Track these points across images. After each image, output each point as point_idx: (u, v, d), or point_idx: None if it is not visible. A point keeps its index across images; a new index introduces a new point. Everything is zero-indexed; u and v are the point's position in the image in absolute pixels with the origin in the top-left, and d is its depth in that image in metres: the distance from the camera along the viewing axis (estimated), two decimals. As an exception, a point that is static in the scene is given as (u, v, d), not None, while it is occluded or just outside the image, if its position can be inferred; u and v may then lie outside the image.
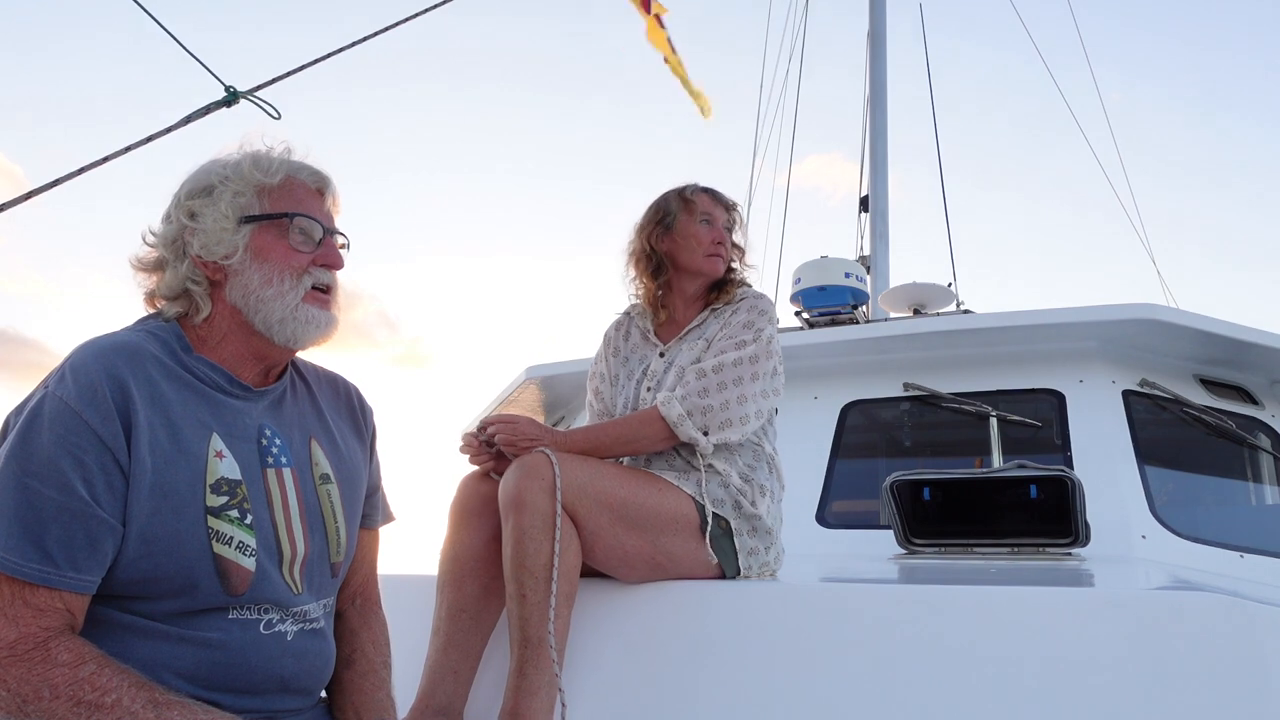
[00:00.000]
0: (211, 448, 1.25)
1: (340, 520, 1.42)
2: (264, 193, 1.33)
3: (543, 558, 1.71)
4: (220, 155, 1.38)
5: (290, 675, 1.30)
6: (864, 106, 7.07)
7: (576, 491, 1.77)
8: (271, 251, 1.32)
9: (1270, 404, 3.53)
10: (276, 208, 1.34)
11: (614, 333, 2.34)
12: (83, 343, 1.24)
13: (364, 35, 2.08)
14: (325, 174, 1.42)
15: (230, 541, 1.23)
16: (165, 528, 1.18)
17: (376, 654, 1.53)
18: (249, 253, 1.31)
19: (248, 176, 1.33)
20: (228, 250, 1.30)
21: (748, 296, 2.18)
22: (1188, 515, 3.14)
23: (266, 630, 1.28)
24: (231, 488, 1.25)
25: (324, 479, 1.41)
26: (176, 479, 1.20)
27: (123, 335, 1.26)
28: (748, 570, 1.95)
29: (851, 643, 1.64)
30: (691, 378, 2.00)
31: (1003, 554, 2.82)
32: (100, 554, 1.15)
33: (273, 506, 1.31)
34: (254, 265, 1.31)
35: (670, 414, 1.95)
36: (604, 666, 1.82)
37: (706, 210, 2.21)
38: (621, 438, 1.98)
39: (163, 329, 1.31)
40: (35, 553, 1.10)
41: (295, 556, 1.33)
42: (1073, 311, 3.31)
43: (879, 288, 5.81)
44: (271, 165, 1.35)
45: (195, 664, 1.21)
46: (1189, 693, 1.41)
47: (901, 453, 3.67)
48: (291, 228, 1.34)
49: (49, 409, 1.15)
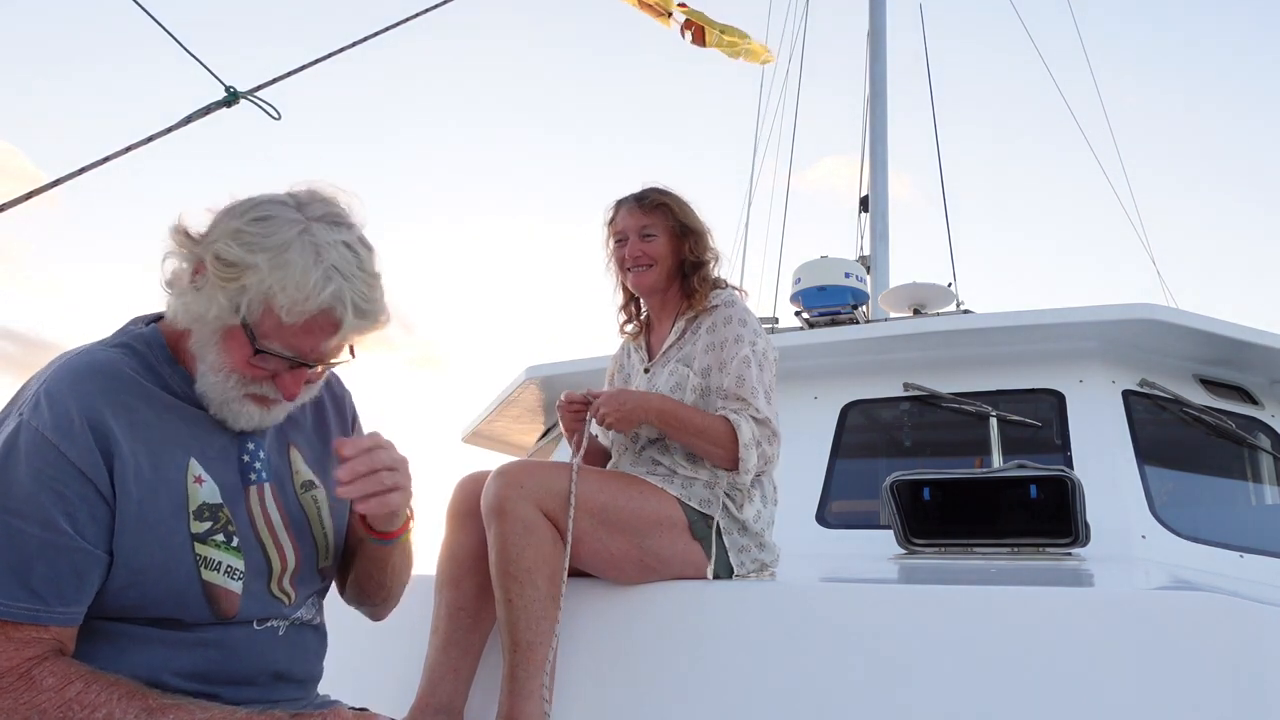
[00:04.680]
0: (190, 474, 1.22)
1: (328, 527, 1.40)
2: (271, 310, 1.17)
3: (525, 562, 1.74)
4: (277, 207, 1.20)
5: (284, 666, 1.32)
6: (864, 106, 7.07)
7: (557, 498, 1.78)
8: (233, 352, 1.21)
9: (1270, 404, 3.53)
10: (267, 334, 1.19)
11: (619, 353, 2.37)
12: (57, 363, 1.20)
13: (364, 35, 2.09)
14: (372, 308, 1.22)
15: (218, 567, 1.22)
16: (152, 559, 1.17)
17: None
18: (216, 334, 1.20)
19: (274, 288, 1.15)
20: (196, 326, 1.21)
21: (719, 305, 2.11)
22: (1187, 515, 3.14)
23: (259, 627, 1.29)
24: (213, 512, 1.23)
25: (306, 486, 1.38)
26: (159, 508, 1.18)
27: (99, 354, 1.22)
28: (741, 569, 1.95)
29: (851, 643, 1.64)
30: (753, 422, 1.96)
31: (1003, 554, 2.82)
32: (87, 585, 1.13)
33: (255, 524, 1.28)
34: (213, 347, 1.21)
35: (744, 436, 1.92)
36: (601, 668, 1.82)
37: (619, 229, 2.18)
38: (695, 426, 1.95)
39: (144, 338, 1.27)
40: (22, 592, 1.08)
41: (285, 569, 1.32)
42: (1072, 311, 3.31)
43: (879, 288, 5.81)
44: (300, 290, 1.15)
45: (192, 663, 1.21)
46: (1188, 692, 1.41)
47: (901, 453, 3.66)
48: (264, 356, 1.21)
49: (24, 441, 1.11)
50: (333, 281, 1.17)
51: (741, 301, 2.14)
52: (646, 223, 2.14)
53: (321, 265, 1.17)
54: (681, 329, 2.15)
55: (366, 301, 1.21)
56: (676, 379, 2.07)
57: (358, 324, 1.21)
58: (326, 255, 1.17)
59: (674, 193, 2.20)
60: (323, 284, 1.16)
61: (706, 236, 2.19)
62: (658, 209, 2.15)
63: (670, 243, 2.15)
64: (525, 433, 5.12)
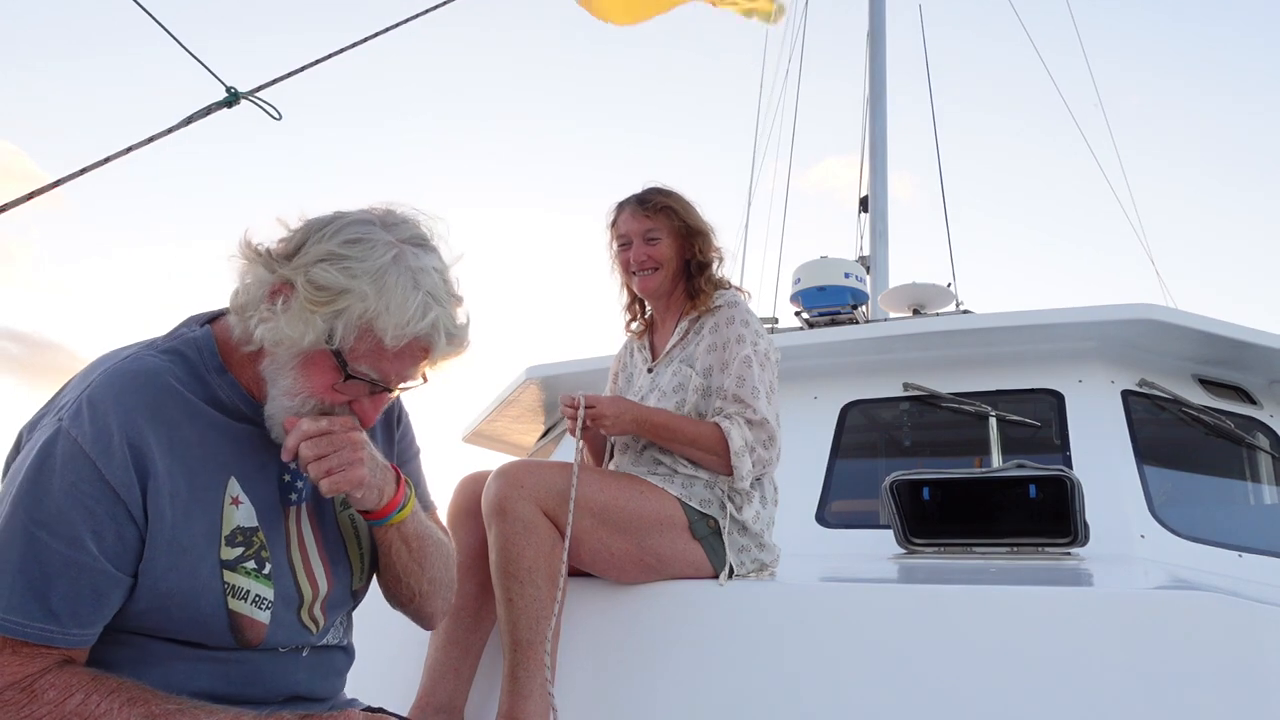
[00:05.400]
0: (228, 494, 1.19)
1: (364, 547, 1.37)
2: (366, 338, 1.15)
3: (526, 562, 1.75)
4: (369, 228, 1.17)
5: (305, 689, 1.29)
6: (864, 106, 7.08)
7: (557, 497, 1.78)
8: (315, 376, 1.18)
9: (1269, 404, 3.53)
10: (365, 360, 1.17)
11: (622, 351, 2.38)
12: (104, 366, 1.16)
13: (365, 35, 2.09)
14: (461, 335, 1.22)
15: (246, 596, 1.19)
16: (180, 584, 1.14)
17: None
18: (297, 358, 1.17)
19: (374, 313, 1.13)
20: (279, 350, 1.17)
21: (721, 305, 2.12)
22: (1186, 515, 3.14)
23: (284, 650, 1.26)
24: (247, 537, 1.20)
25: (345, 504, 1.34)
26: (193, 532, 1.15)
27: (148, 361, 1.17)
28: (741, 569, 1.95)
29: (851, 642, 1.64)
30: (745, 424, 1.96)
31: (1002, 554, 2.82)
32: (106, 607, 1.11)
33: (290, 548, 1.25)
34: (291, 372, 1.18)
35: (734, 444, 1.93)
36: (602, 667, 1.83)
37: (623, 232, 2.18)
38: (687, 435, 1.96)
39: (196, 343, 1.22)
40: (39, 611, 1.06)
41: (317, 597, 1.28)
42: (1072, 312, 3.31)
43: (879, 288, 5.81)
44: (402, 314, 1.14)
45: (210, 684, 1.19)
46: (1188, 692, 1.41)
47: (901, 453, 3.67)
48: (349, 382, 1.19)
49: (61, 450, 1.08)
50: (431, 309, 1.16)
51: (744, 302, 2.14)
52: (650, 226, 2.14)
53: (420, 291, 1.15)
54: (685, 329, 2.15)
55: (457, 329, 1.21)
56: (679, 379, 2.07)
57: (448, 350, 1.21)
58: (423, 281, 1.16)
59: (676, 193, 2.19)
60: (422, 311, 1.15)
61: (711, 236, 2.19)
62: (661, 212, 2.14)
63: (675, 245, 2.15)
64: (525, 433, 5.12)
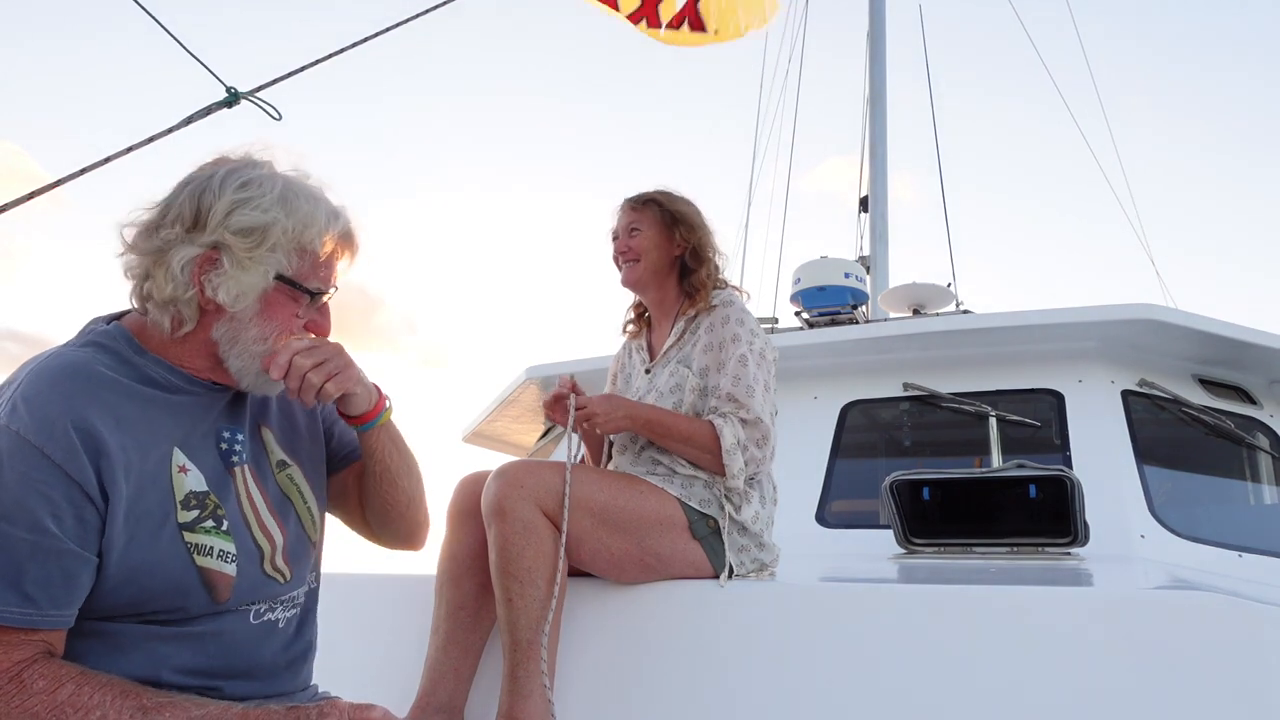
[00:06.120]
0: (174, 464, 1.22)
1: (309, 500, 1.42)
2: (304, 255, 1.28)
3: (525, 562, 1.74)
4: (243, 169, 1.27)
5: (283, 658, 1.34)
6: (864, 106, 7.08)
7: (557, 497, 1.78)
8: (277, 313, 1.28)
9: (1269, 404, 3.53)
10: (310, 276, 1.29)
11: (620, 352, 2.38)
12: (30, 366, 1.18)
13: (365, 35, 2.08)
14: (353, 228, 1.35)
15: (210, 553, 1.22)
16: (146, 553, 1.16)
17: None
18: (256, 305, 1.26)
19: (294, 233, 1.26)
20: (238, 304, 1.24)
21: (718, 305, 2.11)
22: (1186, 515, 3.14)
23: (256, 620, 1.30)
24: (200, 500, 1.23)
25: (281, 465, 1.39)
26: (149, 502, 1.18)
27: (70, 355, 1.20)
28: (740, 569, 1.95)
29: (851, 643, 1.64)
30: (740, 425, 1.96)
31: (1002, 554, 2.82)
32: (78, 587, 1.13)
33: (242, 506, 1.29)
34: (255, 319, 1.26)
35: (726, 441, 1.93)
36: (601, 667, 1.83)
37: (612, 227, 2.24)
38: (680, 433, 1.97)
39: (109, 335, 1.25)
40: (15, 596, 1.07)
41: (275, 548, 1.33)
42: (1072, 312, 3.31)
43: (879, 288, 5.82)
44: (318, 223, 1.28)
45: (192, 658, 1.22)
46: (1188, 692, 1.41)
47: (901, 453, 3.67)
48: (310, 302, 1.31)
49: (5, 445, 1.09)
50: (336, 210, 1.31)
51: (740, 301, 2.14)
52: (634, 219, 2.20)
53: (318, 200, 1.30)
54: (681, 330, 2.15)
55: (356, 216, 1.35)
56: (676, 380, 2.07)
57: (362, 236, 1.35)
58: (314, 192, 1.30)
59: (673, 192, 2.21)
60: (332, 213, 1.30)
61: (701, 231, 2.19)
62: (646, 204, 2.20)
63: (657, 235, 2.16)
64: (525, 433, 5.13)
